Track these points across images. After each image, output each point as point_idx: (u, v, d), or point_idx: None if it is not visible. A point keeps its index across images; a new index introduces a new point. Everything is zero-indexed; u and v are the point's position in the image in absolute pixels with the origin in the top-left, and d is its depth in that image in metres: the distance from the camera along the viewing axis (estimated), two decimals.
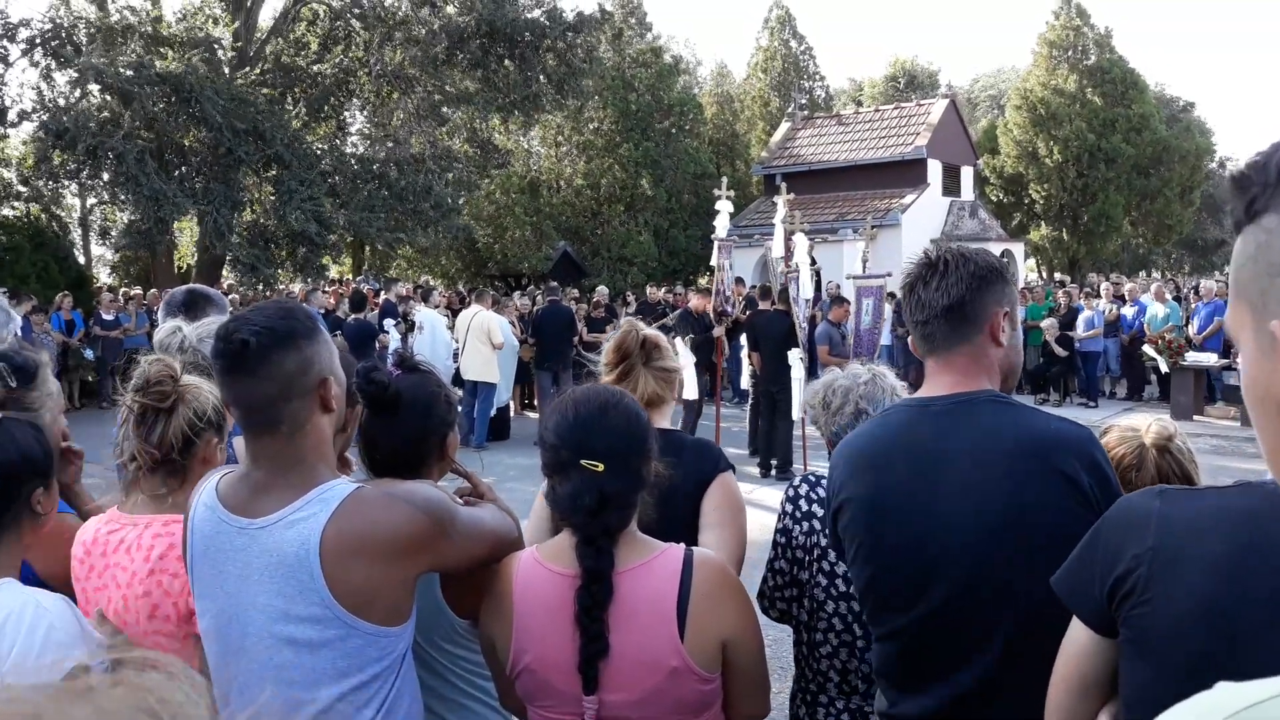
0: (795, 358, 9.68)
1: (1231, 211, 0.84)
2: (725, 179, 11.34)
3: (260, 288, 17.69)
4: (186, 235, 19.65)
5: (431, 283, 23.79)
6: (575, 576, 1.68)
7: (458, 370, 11.78)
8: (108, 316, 15.50)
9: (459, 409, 2.15)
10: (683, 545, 1.78)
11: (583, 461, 1.70)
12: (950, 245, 1.94)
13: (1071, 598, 1.42)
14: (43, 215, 18.79)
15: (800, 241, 10.61)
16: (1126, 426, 2.20)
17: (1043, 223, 31.04)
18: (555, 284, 15.25)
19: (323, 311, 14.05)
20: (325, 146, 20.14)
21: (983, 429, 1.81)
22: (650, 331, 2.55)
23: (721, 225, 10.40)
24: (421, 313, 12.88)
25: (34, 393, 2.20)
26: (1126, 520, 1.35)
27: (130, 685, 0.48)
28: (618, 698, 1.68)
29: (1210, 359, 13.49)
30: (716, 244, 10.29)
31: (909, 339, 2.00)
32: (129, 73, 16.03)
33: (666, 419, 2.51)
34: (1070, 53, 30.06)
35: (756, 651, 1.81)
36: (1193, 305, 15.56)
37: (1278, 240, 0.77)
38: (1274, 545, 1.18)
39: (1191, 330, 14.33)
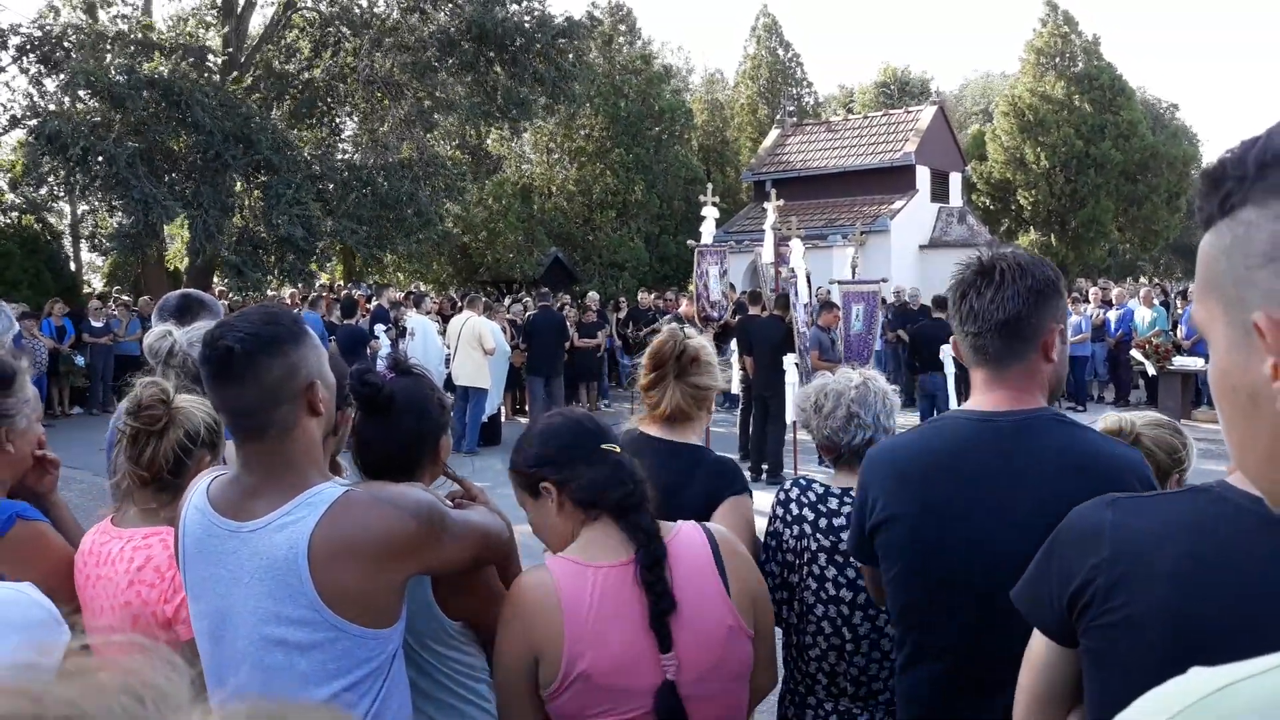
0: (790, 362, 9.69)
1: (1201, 208, 0.84)
2: (711, 186, 11.36)
3: (249, 293, 17.67)
4: (178, 241, 19.62)
5: (423, 288, 23.77)
6: (626, 564, 1.75)
7: (449, 376, 11.78)
8: (97, 323, 15.45)
9: (451, 413, 2.16)
10: (693, 521, 1.89)
11: (603, 446, 1.84)
12: (1006, 252, 1.86)
13: (1031, 610, 1.44)
14: (35, 223, 18.72)
15: (796, 246, 10.64)
16: (1123, 418, 2.37)
17: (1031, 228, 31.17)
18: (547, 290, 15.26)
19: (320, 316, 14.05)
20: (315, 152, 20.11)
21: (1050, 449, 1.76)
22: (694, 343, 2.48)
23: (708, 232, 10.41)
24: (413, 319, 12.89)
25: (10, 398, 2.19)
26: (1081, 532, 1.36)
27: (116, 668, 0.49)
28: (693, 674, 1.72)
29: (1197, 363, 13.55)
30: (696, 251, 10.29)
31: (897, 345, 1.98)
32: (119, 77, 16.01)
33: (694, 434, 2.48)
34: (1058, 59, 30.22)
35: (771, 614, 1.95)
36: (1179, 310, 15.65)
37: (1256, 233, 0.77)
38: (1224, 550, 1.20)
39: (1180, 334, 14.41)
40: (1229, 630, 1.15)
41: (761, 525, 2.64)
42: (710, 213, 10.42)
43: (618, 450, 1.84)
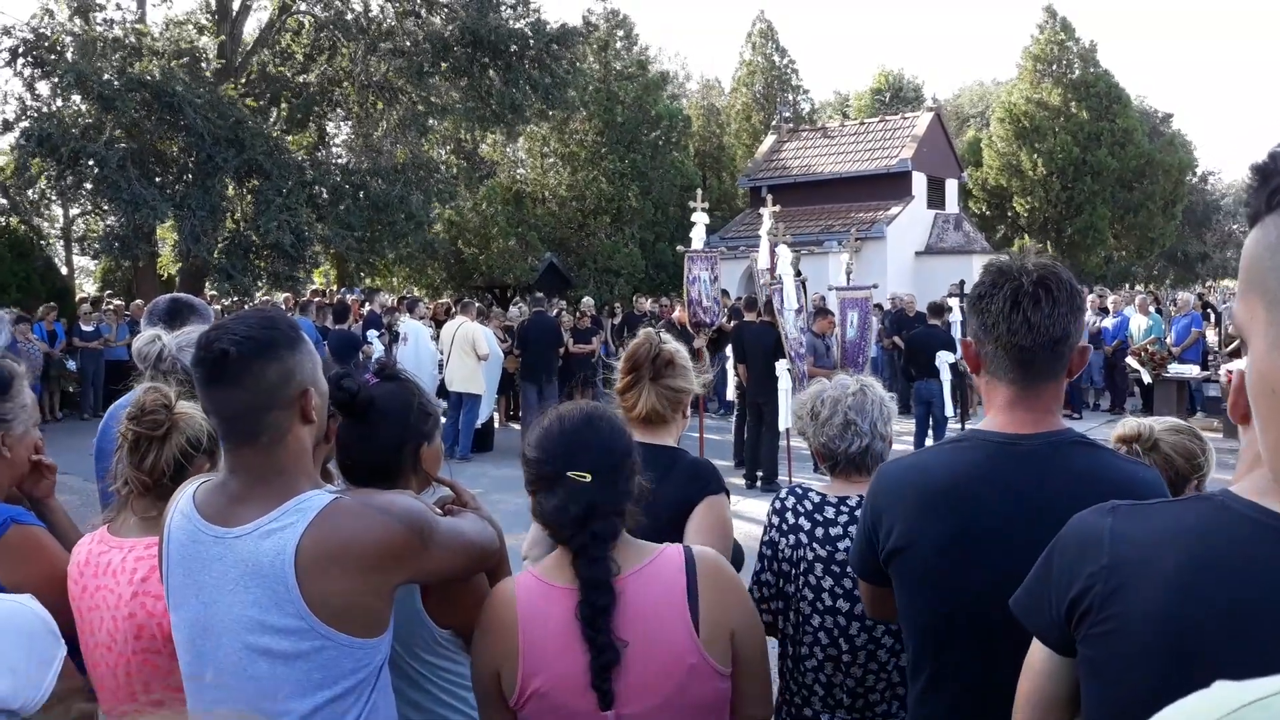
0: (783, 368, 9.67)
1: (1248, 204, 0.82)
2: (700, 191, 11.36)
3: (236, 299, 17.62)
4: (169, 245, 19.56)
5: (416, 293, 23.74)
6: (578, 590, 1.68)
7: (443, 382, 11.72)
8: (87, 328, 15.40)
9: (439, 420, 2.12)
10: (679, 544, 1.79)
11: (569, 474, 1.70)
12: (1046, 262, 1.80)
13: (1029, 618, 1.42)
14: (24, 225, 18.65)
15: (784, 253, 10.64)
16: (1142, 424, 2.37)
17: (1026, 235, 31.25)
18: (541, 295, 15.23)
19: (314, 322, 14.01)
20: (308, 157, 20.08)
21: (1078, 474, 1.73)
22: (669, 347, 2.49)
23: (697, 237, 10.39)
24: (406, 324, 12.86)
25: (7, 404, 2.19)
26: (1080, 538, 1.34)
27: None
28: (639, 707, 1.67)
29: (1192, 371, 13.58)
30: (686, 256, 10.28)
31: (893, 352, 1.94)
32: (112, 80, 15.97)
33: (670, 437, 2.48)
34: (1054, 66, 30.32)
35: (761, 645, 1.82)
36: (1174, 317, 15.68)
37: None
38: (1225, 558, 1.18)
39: (1169, 341, 14.44)
40: (1227, 639, 1.14)
41: (757, 533, 2.61)
42: (700, 218, 10.40)
43: (586, 479, 1.69)
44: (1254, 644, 1.10)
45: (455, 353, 11.59)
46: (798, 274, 10.45)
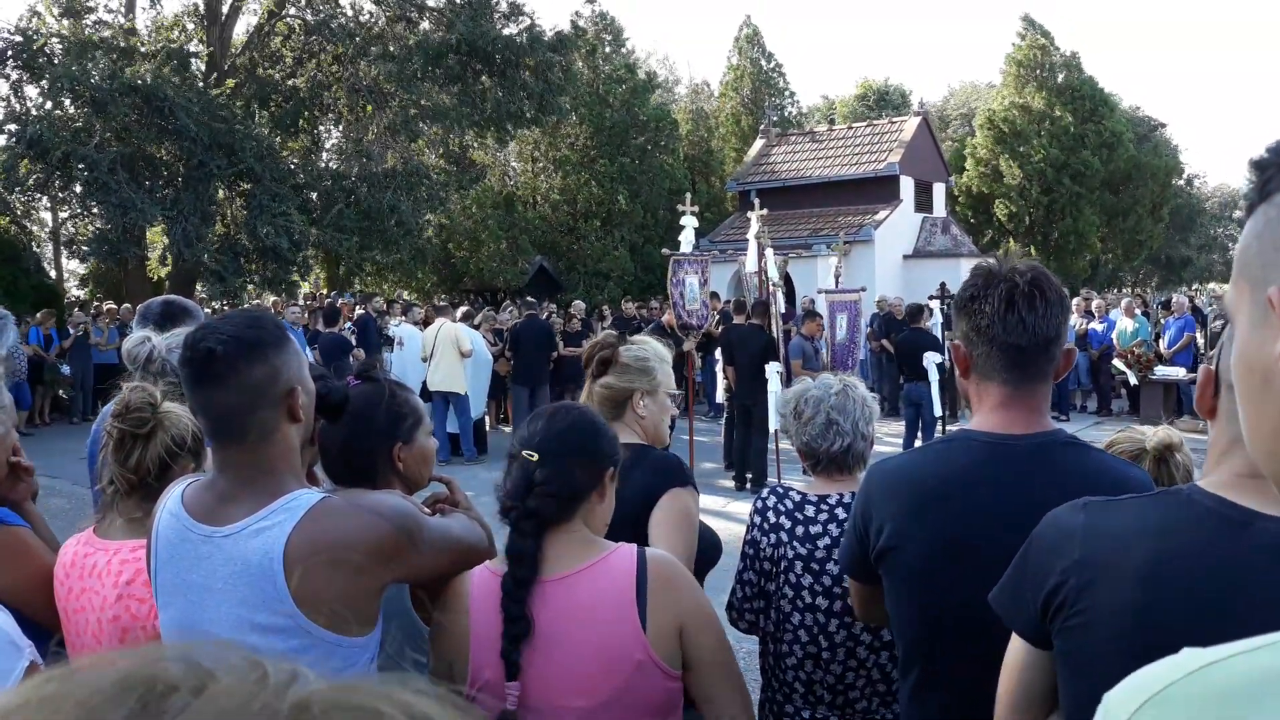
0: (773, 371, 9.70)
1: (1247, 195, 0.86)
2: (689, 195, 11.36)
3: (227, 300, 17.61)
4: (158, 248, 19.48)
5: (407, 297, 23.71)
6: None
7: (424, 384, 11.70)
8: (75, 330, 15.34)
9: (419, 421, 2.13)
10: (634, 545, 1.82)
11: (522, 451, 1.80)
12: (1035, 264, 1.81)
13: (1008, 614, 1.45)
14: (13, 227, 18.58)
15: (769, 255, 10.67)
16: (1137, 432, 2.34)
17: (1013, 239, 31.35)
18: (532, 299, 15.24)
19: (303, 327, 13.99)
20: (299, 161, 20.05)
21: (1070, 474, 1.74)
22: (608, 352, 2.50)
23: (686, 241, 10.40)
24: (403, 328, 12.90)
25: None
26: (1054, 535, 1.37)
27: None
28: (584, 704, 1.68)
29: (1179, 373, 13.64)
30: (671, 260, 10.30)
31: (882, 354, 1.95)
32: (102, 83, 15.93)
33: (629, 435, 2.43)
34: (1038, 72, 30.42)
35: (718, 639, 1.81)
36: (1162, 321, 15.75)
37: None
38: (1191, 551, 1.22)
39: (1162, 345, 14.50)
40: (1192, 629, 1.17)
41: (741, 533, 2.64)
42: (689, 222, 10.41)
43: (534, 458, 1.78)
44: (1219, 633, 1.13)
45: (440, 353, 11.60)
46: (785, 277, 10.48)
